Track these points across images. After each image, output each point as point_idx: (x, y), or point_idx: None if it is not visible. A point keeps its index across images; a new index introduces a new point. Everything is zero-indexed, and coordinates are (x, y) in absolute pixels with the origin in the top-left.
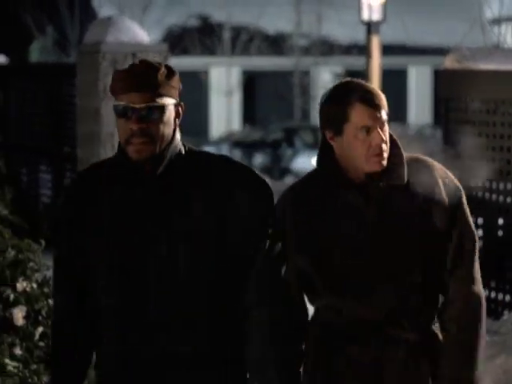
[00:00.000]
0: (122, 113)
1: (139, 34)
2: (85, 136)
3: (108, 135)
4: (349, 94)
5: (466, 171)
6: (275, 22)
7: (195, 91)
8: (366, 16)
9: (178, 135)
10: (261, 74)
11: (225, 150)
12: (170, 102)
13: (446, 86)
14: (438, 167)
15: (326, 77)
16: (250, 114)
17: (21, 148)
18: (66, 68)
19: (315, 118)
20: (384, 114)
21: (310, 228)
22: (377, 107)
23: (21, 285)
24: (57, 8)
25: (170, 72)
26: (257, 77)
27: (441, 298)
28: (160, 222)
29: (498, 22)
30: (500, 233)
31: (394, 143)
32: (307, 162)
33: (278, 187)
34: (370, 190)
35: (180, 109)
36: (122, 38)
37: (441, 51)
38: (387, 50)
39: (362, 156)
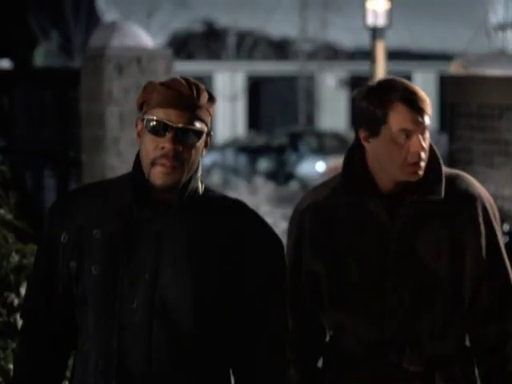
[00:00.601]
0: (153, 129)
1: (144, 38)
2: (89, 141)
3: (112, 140)
4: (390, 92)
5: (473, 177)
6: (280, 27)
7: None
8: (370, 22)
9: (200, 167)
10: (266, 79)
11: (230, 155)
12: (205, 129)
13: (452, 92)
14: (478, 186)
15: (330, 82)
16: (254, 119)
17: (26, 152)
18: (71, 73)
19: (320, 123)
20: (427, 120)
21: (328, 234)
22: (419, 110)
23: (25, 290)
24: (61, 12)
25: (211, 97)
26: (261, 82)
27: (455, 330)
28: (168, 258)
29: (502, 27)
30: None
31: (432, 154)
32: (312, 167)
33: (283, 192)
34: (398, 202)
35: (209, 139)
36: (127, 42)
37: (446, 57)
38: (392, 55)
39: (399, 162)
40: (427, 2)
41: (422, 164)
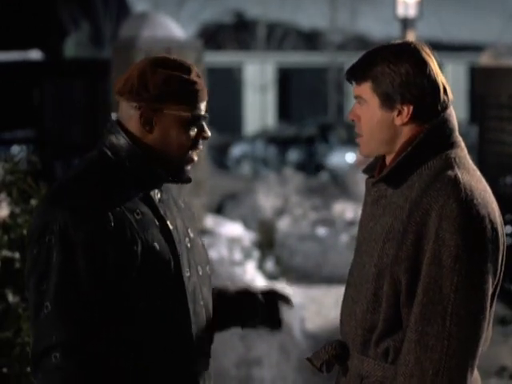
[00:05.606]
0: (202, 124)
1: (174, 29)
2: None
3: None
4: None
5: (503, 168)
6: (310, 18)
7: (230, 87)
8: (401, 12)
9: None
10: (295, 70)
11: (259, 146)
12: None
13: (482, 83)
14: (455, 204)
15: None
16: (284, 109)
17: (55, 142)
18: (101, 63)
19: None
20: (358, 88)
21: None
22: (348, 77)
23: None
24: (91, 3)
25: None
26: (291, 73)
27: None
28: (190, 226)
29: None
30: None
31: (408, 142)
32: (341, 158)
33: (312, 183)
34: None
35: None
36: (157, 33)
37: (476, 48)
38: None
39: None
40: None
41: (360, 139)
